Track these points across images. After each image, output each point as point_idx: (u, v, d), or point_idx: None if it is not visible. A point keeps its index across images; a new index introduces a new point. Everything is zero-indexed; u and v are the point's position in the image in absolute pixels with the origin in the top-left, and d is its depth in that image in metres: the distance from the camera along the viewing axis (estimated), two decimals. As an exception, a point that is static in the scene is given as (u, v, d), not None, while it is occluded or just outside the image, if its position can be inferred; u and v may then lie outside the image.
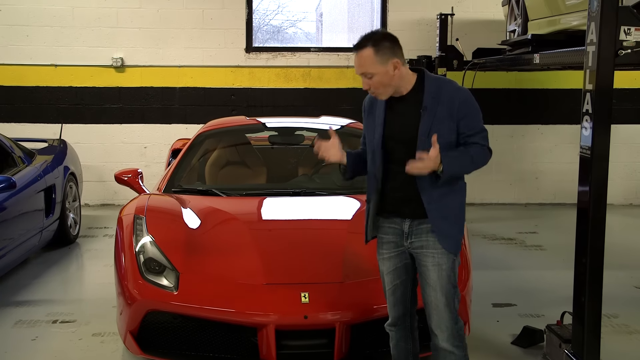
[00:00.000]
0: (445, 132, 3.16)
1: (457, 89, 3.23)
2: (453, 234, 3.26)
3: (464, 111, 3.18)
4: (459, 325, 3.29)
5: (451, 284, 3.25)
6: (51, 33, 8.92)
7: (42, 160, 6.67)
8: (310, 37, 10.00)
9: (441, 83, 3.25)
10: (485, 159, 3.24)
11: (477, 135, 3.21)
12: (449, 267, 3.24)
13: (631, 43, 3.56)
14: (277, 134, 6.16)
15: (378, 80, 3.18)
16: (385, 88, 3.21)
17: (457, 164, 3.16)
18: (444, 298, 3.24)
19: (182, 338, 3.87)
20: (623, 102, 9.14)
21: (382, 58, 3.14)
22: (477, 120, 3.23)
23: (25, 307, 5.24)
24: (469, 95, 3.23)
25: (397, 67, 3.16)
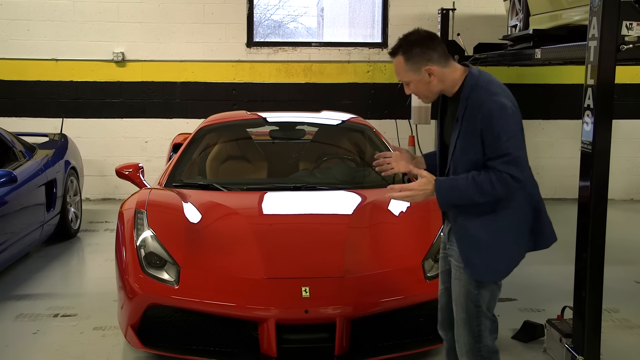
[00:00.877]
0: (469, 150, 2.90)
1: (481, 104, 2.86)
2: (475, 261, 2.97)
3: (486, 129, 2.84)
4: (483, 345, 3.06)
5: (473, 303, 3.02)
6: (52, 27, 8.91)
7: (43, 154, 6.67)
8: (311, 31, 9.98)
9: (473, 91, 2.91)
10: (501, 188, 2.84)
11: (497, 160, 2.84)
12: (470, 284, 3.00)
13: (633, 38, 3.56)
14: (278, 128, 6.16)
15: (414, 87, 3.02)
16: (426, 94, 3.03)
17: (451, 192, 2.91)
18: (463, 314, 3.07)
19: (183, 332, 3.88)
20: (624, 97, 9.13)
21: (413, 66, 2.96)
22: (498, 141, 2.82)
23: (26, 301, 5.25)
24: (494, 110, 2.83)
25: (432, 73, 2.95)
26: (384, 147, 5.74)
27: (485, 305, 3.05)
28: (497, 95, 2.87)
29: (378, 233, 4.36)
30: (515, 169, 2.84)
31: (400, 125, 8.74)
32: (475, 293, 3.02)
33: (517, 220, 2.99)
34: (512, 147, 2.84)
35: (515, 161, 2.84)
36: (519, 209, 2.98)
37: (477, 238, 2.97)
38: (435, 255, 4.10)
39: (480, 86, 2.92)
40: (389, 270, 4.02)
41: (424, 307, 3.95)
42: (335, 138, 6.18)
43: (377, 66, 9.24)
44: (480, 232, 2.96)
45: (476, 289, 3.01)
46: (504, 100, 2.86)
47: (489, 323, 3.08)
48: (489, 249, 2.96)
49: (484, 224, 2.96)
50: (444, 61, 2.98)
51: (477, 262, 2.97)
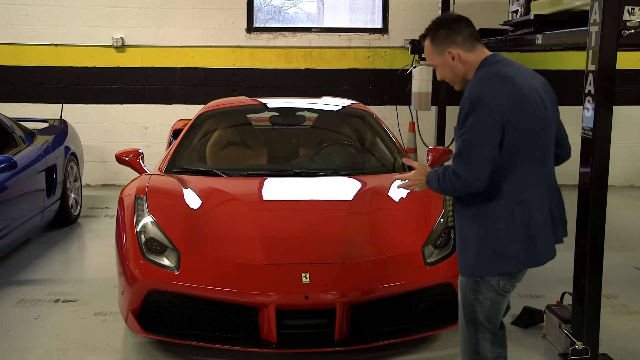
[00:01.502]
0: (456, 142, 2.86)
1: (466, 89, 2.83)
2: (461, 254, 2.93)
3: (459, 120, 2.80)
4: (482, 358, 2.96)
5: (469, 307, 2.93)
6: (51, 12, 8.87)
7: (43, 140, 6.66)
8: (311, 17, 9.93)
9: (471, 81, 2.87)
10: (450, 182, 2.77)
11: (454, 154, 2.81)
12: (468, 286, 2.92)
13: (635, 23, 3.54)
14: (278, 114, 6.14)
15: (441, 72, 2.98)
16: (453, 78, 2.96)
17: (430, 183, 2.93)
18: (462, 320, 3.00)
19: (183, 318, 3.89)
20: (625, 83, 9.11)
21: (438, 49, 2.92)
22: (457, 134, 2.78)
23: (27, 286, 5.26)
24: (466, 102, 2.76)
25: (456, 57, 2.88)
26: (384, 133, 5.73)
27: (484, 315, 2.92)
28: (478, 87, 2.77)
29: (378, 219, 4.36)
30: (459, 164, 2.73)
31: (400, 112, 8.72)
32: (472, 297, 2.92)
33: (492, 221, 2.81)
34: (463, 143, 2.73)
35: (461, 157, 2.73)
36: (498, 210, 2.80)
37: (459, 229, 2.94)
38: (435, 241, 4.11)
39: (475, 77, 2.86)
40: (388, 256, 4.02)
41: (423, 293, 3.96)
42: (335, 124, 6.17)
43: (377, 52, 9.21)
44: (461, 223, 2.93)
45: (473, 293, 2.91)
46: (482, 92, 2.74)
47: (489, 335, 2.95)
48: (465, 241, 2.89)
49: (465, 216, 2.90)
50: (470, 45, 2.90)
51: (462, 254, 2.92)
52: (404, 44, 8.95)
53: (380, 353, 4.01)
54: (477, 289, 2.90)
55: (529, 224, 2.82)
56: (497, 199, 2.80)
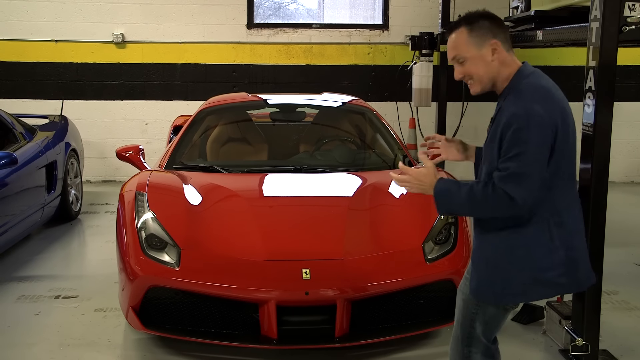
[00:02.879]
0: (488, 157, 2.62)
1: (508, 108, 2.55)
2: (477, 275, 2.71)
3: (504, 135, 2.52)
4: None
5: (467, 319, 2.79)
6: (51, 8, 8.86)
7: (43, 136, 6.66)
8: (311, 13, 9.92)
9: (511, 91, 2.62)
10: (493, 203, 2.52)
11: (498, 172, 2.52)
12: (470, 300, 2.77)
13: (635, 19, 3.53)
14: (278, 110, 6.14)
15: (472, 66, 2.66)
16: (483, 76, 2.67)
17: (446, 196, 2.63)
18: (457, 330, 2.86)
19: (184, 314, 3.89)
20: (626, 79, 9.10)
21: (477, 39, 2.63)
22: (508, 151, 2.49)
23: (27, 282, 5.27)
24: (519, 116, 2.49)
25: (497, 49, 2.62)
26: (385, 129, 5.73)
27: (481, 330, 2.79)
28: (530, 102, 2.53)
29: (378, 215, 4.36)
30: (513, 186, 2.48)
31: (401, 108, 8.71)
32: (472, 311, 2.77)
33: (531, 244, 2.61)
34: (518, 162, 2.48)
35: (515, 178, 2.48)
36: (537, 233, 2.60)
37: (485, 254, 2.69)
38: (436, 237, 4.11)
39: (519, 89, 2.60)
40: (389, 252, 4.02)
41: (424, 289, 3.96)
42: (335, 120, 6.17)
43: (377, 48, 9.20)
44: (489, 247, 2.68)
45: (474, 308, 2.76)
46: (537, 107, 2.50)
47: (481, 348, 2.82)
48: (492, 267, 2.67)
49: (495, 240, 2.65)
50: (508, 46, 2.67)
51: (477, 278, 2.71)
52: (405, 40, 8.95)
53: (381, 349, 4.02)
54: (480, 304, 2.76)
55: (570, 247, 2.64)
56: (536, 222, 2.59)
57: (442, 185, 2.66)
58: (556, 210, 2.62)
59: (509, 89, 2.65)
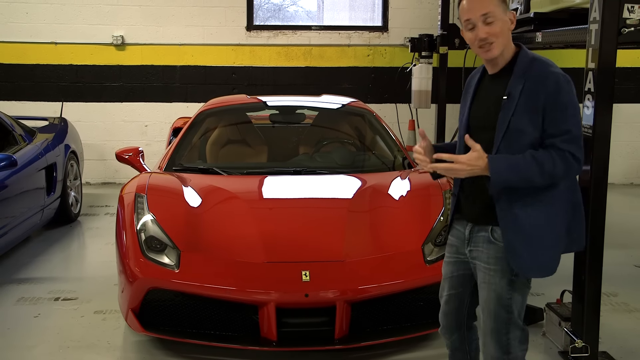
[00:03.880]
0: (526, 128, 2.67)
1: (545, 77, 2.67)
2: (524, 253, 2.72)
3: (549, 106, 2.64)
4: (511, 357, 2.87)
5: (504, 309, 2.80)
6: (51, 10, 8.87)
7: (43, 138, 6.66)
8: (311, 15, 9.92)
9: (532, 66, 2.73)
10: (563, 168, 2.64)
11: (558, 137, 2.64)
12: (502, 287, 2.79)
13: (634, 21, 3.53)
14: (278, 112, 6.14)
15: (498, 28, 2.72)
16: (500, 40, 2.73)
17: (511, 171, 2.64)
18: (492, 323, 2.84)
19: (184, 316, 3.89)
20: (625, 81, 9.11)
21: (504, 5, 2.74)
22: (562, 118, 2.64)
23: (27, 284, 5.26)
24: (559, 86, 2.65)
25: (513, 22, 2.76)
26: (384, 131, 5.73)
27: (517, 312, 2.84)
28: (559, 69, 2.72)
29: (378, 217, 4.36)
30: (576, 147, 2.66)
31: (400, 109, 8.72)
32: (507, 297, 2.80)
33: (560, 212, 2.78)
34: (575, 124, 2.67)
35: (577, 139, 2.67)
36: (564, 200, 2.78)
37: (526, 228, 2.71)
38: (435, 239, 4.11)
39: (540, 60, 2.75)
40: (388, 254, 4.02)
41: (423, 291, 3.96)
42: (335, 122, 6.17)
43: (377, 50, 9.21)
44: (531, 221, 2.71)
45: (509, 293, 2.80)
46: (567, 76, 2.72)
47: (519, 333, 2.87)
48: (538, 240, 2.74)
49: (535, 212, 2.72)
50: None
51: (525, 255, 2.73)
52: (404, 42, 8.95)
53: (381, 351, 4.01)
54: (514, 288, 2.81)
55: (579, 209, 2.88)
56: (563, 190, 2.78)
57: (500, 160, 2.67)
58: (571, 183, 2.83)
59: (524, 64, 2.74)
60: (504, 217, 2.74)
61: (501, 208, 2.74)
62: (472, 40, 2.77)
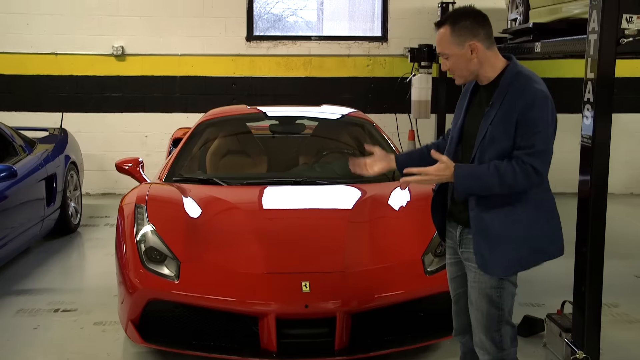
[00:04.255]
0: (501, 137, 2.81)
1: (524, 91, 2.81)
2: (487, 254, 2.89)
3: (522, 119, 2.78)
4: (506, 354, 3.01)
5: (493, 306, 2.95)
6: (51, 21, 8.89)
7: (43, 149, 6.66)
8: (311, 25, 9.95)
9: (515, 79, 2.86)
10: (523, 179, 2.77)
11: (523, 150, 2.78)
12: (491, 286, 2.94)
13: (633, 31, 3.55)
14: (278, 123, 6.15)
15: (453, 62, 2.92)
16: (462, 72, 2.94)
17: (473, 180, 2.82)
18: (483, 320, 2.99)
19: (183, 327, 3.89)
20: (624, 91, 9.10)
21: (458, 39, 2.88)
22: (530, 133, 2.77)
23: (26, 296, 5.25)
24: (534, 101, 2.79)
25: (475, 50, 2.87)
26: (384, 141, 5.73)
27: (507, 309, 2.99)
28: (541, 85, 2.85)
29: (378, 228, 4.36)
30: (539, 161, 2.79)
31: (400, 120, 8.73)
32: (497, 295, 2.95)
33: (529, 219, 2.90)
34: (541, 140, 2.79)
35: (540, 154, 2.79)
36: (534, 208, 2.91)
37: (489, 230, 2.89)
38: (435, 250, 4.10)
39: (524, 74, 2.89)
40: (388, 264, 4.02)
41: (423, 301, 3.95)
42: (335, 132, 6.18)
43: (377, 60, 9.23)
44: (494, 223, 2.88)
45: (498, 291, 2.95)
46: (547, 92, 2.85)
47: (509, 330, 3.02)
48: (498, 241, 2.88)
49: (499, 216, 2.88)
50: (488, 43, 2.92)
51: (487, 254, 2.90)
52: (404, 52, 8.96)
53: (381, 362, 4.01)
54: (501, 286, 2.95)
55: (553, 217, 3.00)
56: (535, 197, 2.90)
57: (464, 169, 2.86)
58: (547, 186, 2.96)
59: (510, 76, 2.88)
60: (473, 218, 2.92)
61: (472, 210, 2.93)
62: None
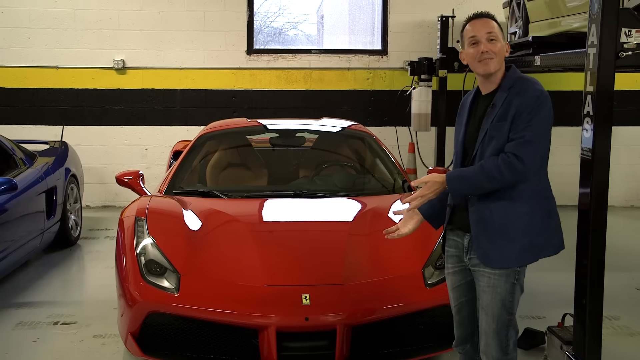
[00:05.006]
0: (497, 135, 2.96)
1: (525, 90, 2.97)
2: (487, 246, 3.01)
3: (517, 114, 2.92)
4: (509, 358, 3.10)
5: (506, 311, 3.04)
6: (52, 35, 8.93)
7: (44, 162, 6.67)
8: (311, 39, 10.00)
9: (517, 82, 3.03)
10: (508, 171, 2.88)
11: (512, 142, 2.91)
12: (506, 291, 3.03)
13: (632, 45, 3.56)
14: (278, 135, 6.16)
15: (499, 46, 3.06)
16: (497, 58, 3.06)
17: (462, 182, 2.98)
18: (494, 324, 3.05)
19: (183, 340, 3.87)
20: (624, 104, 9.14)
21: (501, 34, 3.12)
22: (523, 125, 2.90)
23: (26, 308, 5.24)
24: (533, 99, 2.93)
25: (508, 50, 3.11)
26: (384, 154, 5.74)
27: (515, 310, 3.10)
28: (541, 87, 3.00)
29: (378, 240, 4.33)
30: (524, 150, 2.88)
31: (400, 133, 8.75)
32: (509, 300, 3.04)
33: (529, 214, 3.01)
34: (531, 131, 2.89)
35: (528, 144, 2.89)
36: (533, 204, 3.02)
37: (489, 223, 3.00)
38: (436, 262, 4.10)
39: (525, 78, 3.06)
40: (389, 277, 4.01)
41: (424, 314, 3.94)
42: (335, 145, 6.18)
43: (377, 73, 9.26)
44: (493, 217, 2.99)
45: (510, 296, 3.04)
46: (545, 92, 2.99)
47: (514, 334, 3.11)
48: (499, 234, 2.99)
49: (498, 210, 2.99)
50: None
51: (487, 246, 3.01)
52: (404, 66, 9.01)
53: (381, 375, 3.99)
54: (514, 291, 3.04)
55: (554, 216, 3.11)
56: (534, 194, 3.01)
57: (453, 174, 3.03)
58: (547, 184, 3.10)
59: (510, 80, 3.05)
60: (473, 214, 3.04)
61: (472, 207, 3.05)
62: (474, 54, 3.08)
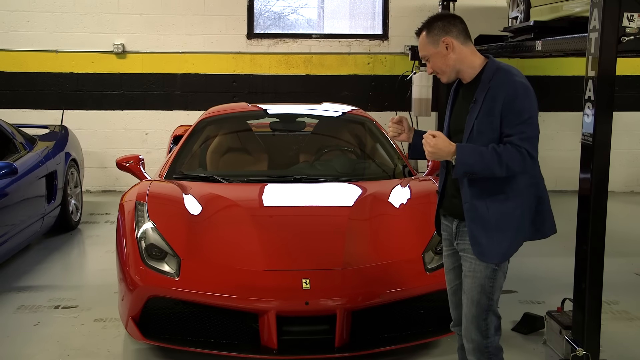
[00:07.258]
0: (485, 130, 2.95)
1: (505, 84, 2.94)
2: (485, 242, 3.00)
3: (506, 110, 2.91)
4: (490, 342, 3.10)
5: (485, 296, 3.06)
6: (52, 19, 8.89)
7: (44, 146, 6.66)
8: (311, 23, 9.95)
9: (495, 74, 2.99)
10: (519, 161, 2.89)
11: (514, 136, 2.89)
12: (486, 276, 3.05)
13: (634, 29, 3.55)
14: (278, 120, 6.15)
15: (433, 61, 3.08)
16: (442, 68, 3.08)
17: (475, 158, 2.88)
18: (474, 308, 3.08)
19: (184, 324, 3.89)
20: (625, 89, 9.12)
21: (433, 38, 3.05)
22: (519, 118, 2.90)
23: (27, 292, 5.26)
24: (516, 92, 2.92)
25: (450, 46, 3.02)
26: (385, 139, 5.73)
27: (496, 298, 3.10)
28: (520, 77, 2.98)
29: (378, 225, 4.36)
30: (531, 145, 2.91)
31: (400, 117, 8.72)
32: (489, 285, 3.06)
33: (522, 205, 3.02)
34: (529, 127, 2.92)
35: (531, 139, 2.92)
36: (525, 194, 3.03)
37: (484, 219, 3.00)
38: (436, 247, 4.10)
39: (503, 69, 3.01)
40: (389, 262, 4.02)
41: (424, 299, 3.96)
42: (335, 130, 6.18)
43: (377, 58, 9.23)
44: (490, 212, 3.00)
45: (491, 282, 3.05)
46: (527, 82, 2.98)
47: (495, 320, 3.11)
48: (496, 229, 3.00)
49: (493, 205, 2.99)
50: (463, 38, 3.06)
51: (484, 242, 3.00)
52: (404, 50, 8.98)
53: (381, 359, 4.01)
54: (495, 277, 3.06)
55: (544, 202, 3.11)
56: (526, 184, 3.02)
57: (467, 146, 2.94)
58: (536, 171, 3.06)
59: (490, 72, 3.01)
60: (467, 209, 3.04)
61: (465, 201, 3.04)
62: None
